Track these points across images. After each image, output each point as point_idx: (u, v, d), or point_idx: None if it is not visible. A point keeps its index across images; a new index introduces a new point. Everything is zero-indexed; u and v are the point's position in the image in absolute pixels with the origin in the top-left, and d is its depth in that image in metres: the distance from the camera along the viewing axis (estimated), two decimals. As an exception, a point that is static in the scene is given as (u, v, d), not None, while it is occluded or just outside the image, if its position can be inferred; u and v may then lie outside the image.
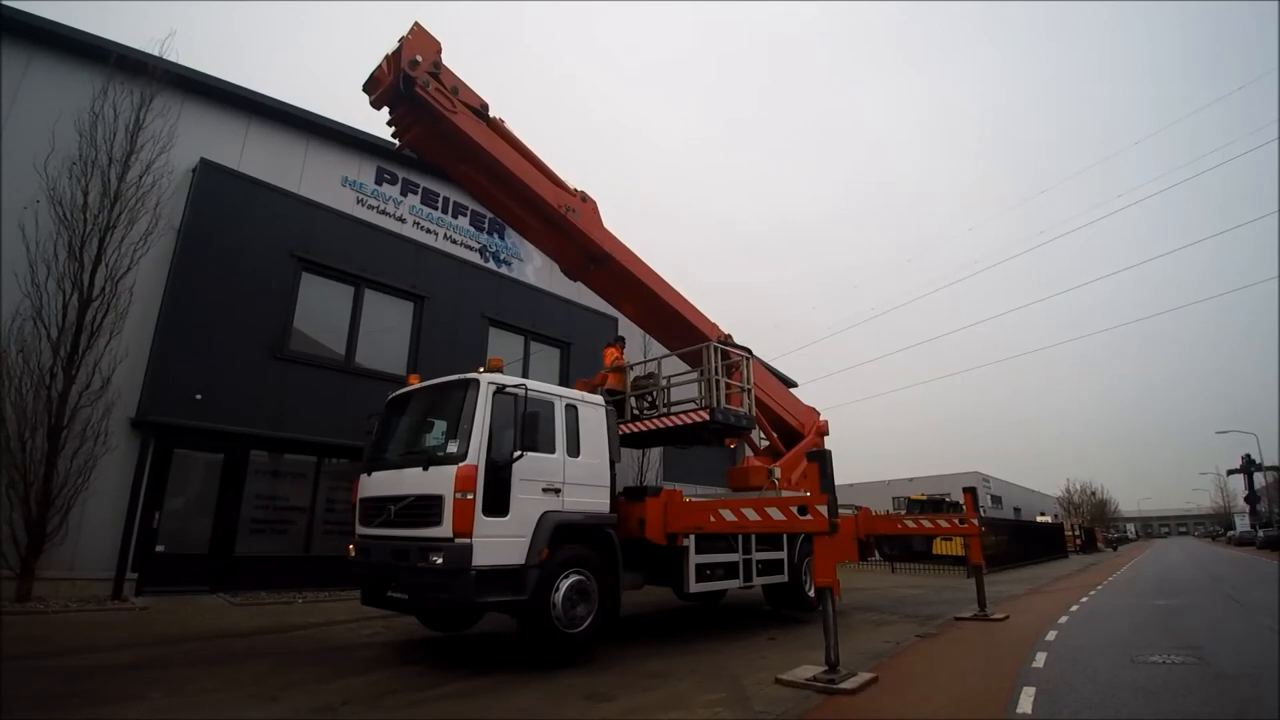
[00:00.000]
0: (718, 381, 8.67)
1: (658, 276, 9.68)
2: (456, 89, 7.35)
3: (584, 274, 9.33)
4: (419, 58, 6.96)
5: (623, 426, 8.51)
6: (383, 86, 7.17)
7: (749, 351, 9.70)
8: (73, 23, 10.06)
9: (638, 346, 10.93)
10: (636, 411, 9.56)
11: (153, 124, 10.09)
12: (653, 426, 8.94)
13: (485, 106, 7.66)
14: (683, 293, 9.96)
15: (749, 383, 9.37)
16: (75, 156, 9.36)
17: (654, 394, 9.68)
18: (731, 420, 8.66)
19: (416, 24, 7.15)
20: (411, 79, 6.89)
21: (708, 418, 8.32)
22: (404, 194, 14.48)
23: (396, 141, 7.85)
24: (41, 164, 9.10)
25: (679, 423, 8.66)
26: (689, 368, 9.93)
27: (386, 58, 7.11)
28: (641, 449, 9.23)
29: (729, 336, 10.01)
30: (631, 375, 9.78)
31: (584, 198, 8.66)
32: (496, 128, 7.83)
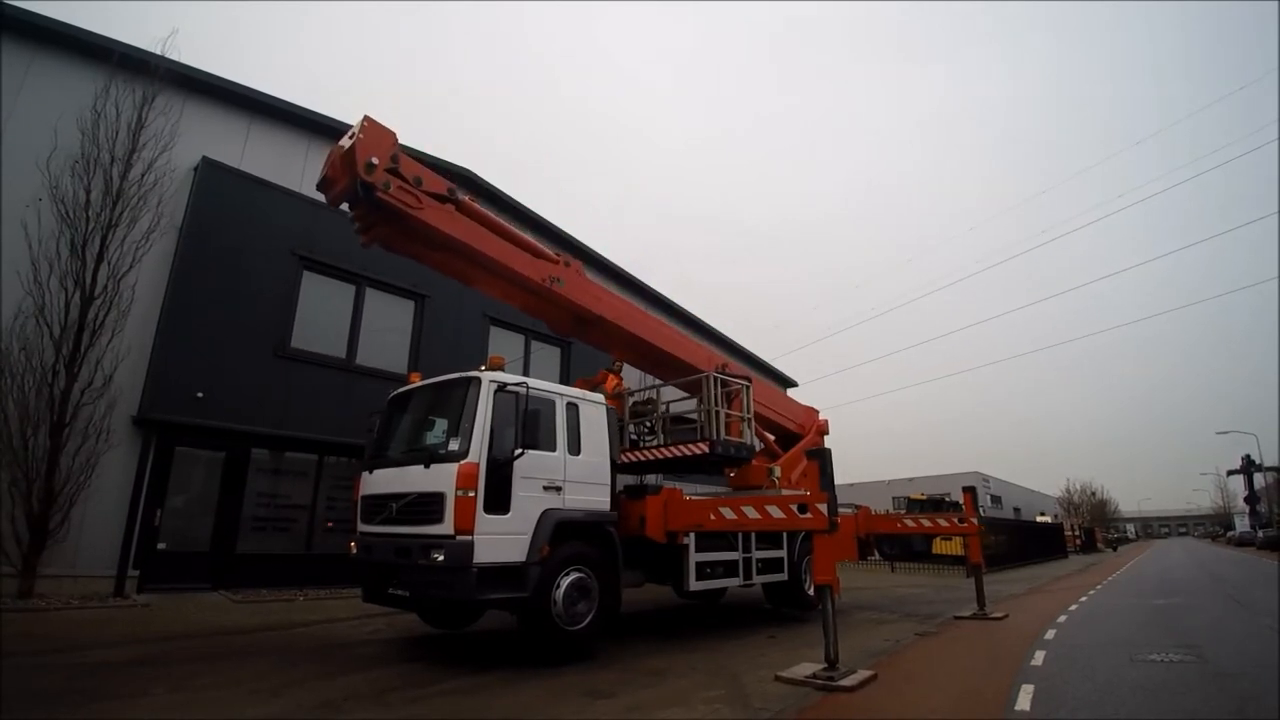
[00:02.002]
0: (717, 412, 8.47)
1: (650, 323, 9.46)
2: (420, 179, 6.66)
3: (573, 332, 9.06)
4: (374, 160, 6.18)
5: (621, 455, 8.25)
6: (338, 188, 6.50)
7: (748, 380, 9.53)
8: (75, 22, 10.08)
9: (637, 370, 10.84)
10: (635, 438, 9.41)
11: (155, 122, 10.12)
12: (652, 457, 8.76)
13: (451, 190, 7.03)
14: (676, 327, 9.70)
15: (749, 411, 9.16)
16: (77, 155, 9.39)
17: (653, 420, 9.53)
18: (731, 452, 8.50)
19: (366, 119, 6.33)
20: (370, 185, 6.18)
21: (707, 450, 8.17)
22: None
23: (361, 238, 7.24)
24: (44, 162, 9.11)
25: (679, 454, 8.48)
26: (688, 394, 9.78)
27: (340, 156, 6.33)
28: (640, 475, 9.04)
29: (726, 364, 9.78)
30: (630, 400, 9.55)
31: (566, 262, 8.20)
32: (466, 209, 7.20)
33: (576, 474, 6.67)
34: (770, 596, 10.14)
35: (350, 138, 6.27)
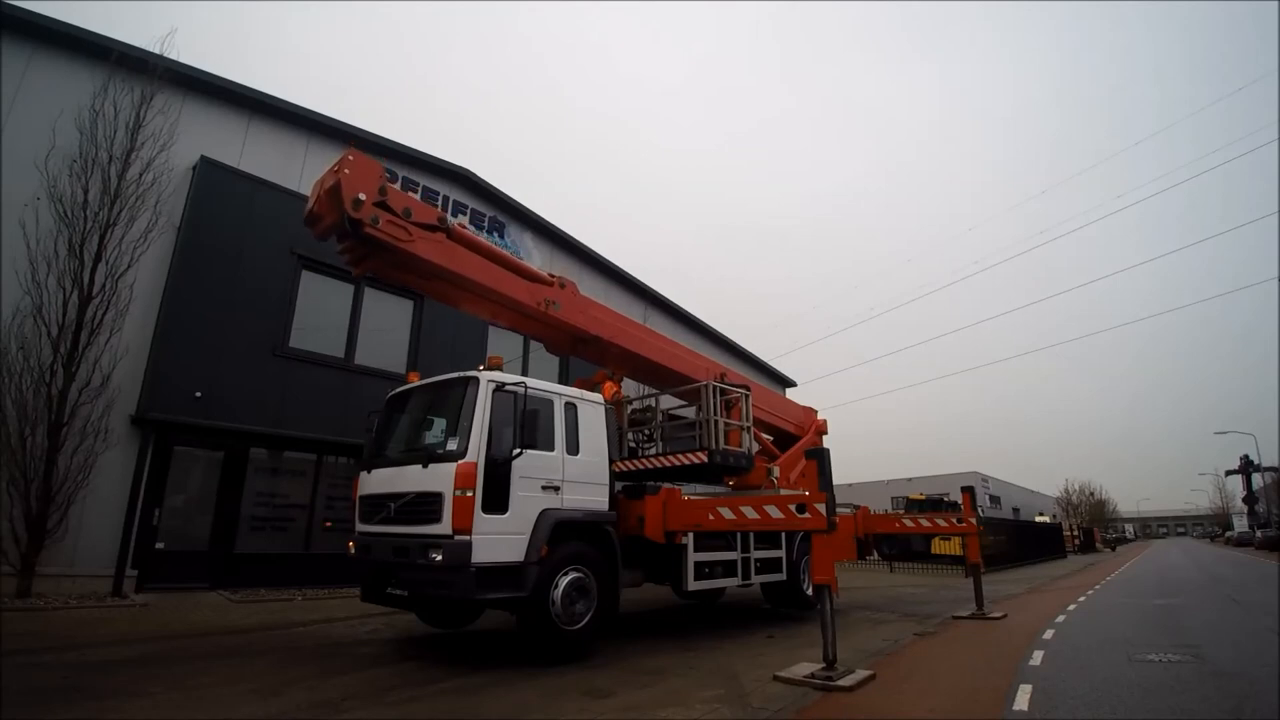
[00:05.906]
0: (716, 422, 8.46)
1: (647, 338, 9.45)
2: (409, 210, 6.53)
3: (571, 351, 9.05)
4: (362, 195, 6.02)
5: (619, 465, 8.29)
6: (325, 224, 6.38)
7: (747, 388, 9.49)
8: (74, 20, 10.06)
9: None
10: (633, 445, 9.34)
11: (153, 121, 10.10)
12: (650, 465, 8.77)
13: (441, 219, 6.92)
14: (674, 339, 9.70)
15: (748, 419, 9.11)
16: (76, 154, 9.37)
17: (651, 428, 9.43)
18: (730, 461, 8.49)
19: (351, 152, 6.23)
20: (359, 221, 6.03)
21: (705, 459, 8.16)
22: (403, 191, 14.45)
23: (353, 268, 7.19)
24: (42, 161, 9.10)
25: (677, 463, 8.49)
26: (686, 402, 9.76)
27: (326, 192, 6.14)
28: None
29: (724, 373, 9.76)
30: (629, 408, 9.51)
31: (561, 283, 8.13)
32: (456, 235, 7.09)
33: (575, 474, 6.67)
34: (769, 596, 10.14)
35: (335, 174, 6.09)
